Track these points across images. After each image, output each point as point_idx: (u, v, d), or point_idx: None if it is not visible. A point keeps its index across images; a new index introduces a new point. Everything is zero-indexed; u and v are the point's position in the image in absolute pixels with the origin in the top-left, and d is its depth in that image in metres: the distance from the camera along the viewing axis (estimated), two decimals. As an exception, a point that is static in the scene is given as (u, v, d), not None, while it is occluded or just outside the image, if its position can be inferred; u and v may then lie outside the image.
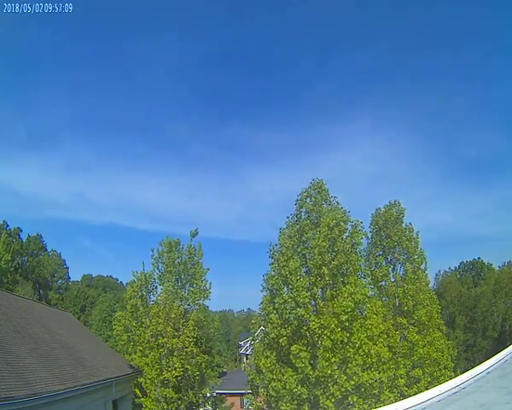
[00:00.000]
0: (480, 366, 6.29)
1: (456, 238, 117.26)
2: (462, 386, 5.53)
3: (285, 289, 15.83)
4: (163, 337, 19.69)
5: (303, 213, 17.40)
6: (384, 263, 20.35)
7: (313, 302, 15.78)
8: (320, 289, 15.93)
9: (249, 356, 36.91)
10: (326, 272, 15.37)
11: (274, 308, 15.65)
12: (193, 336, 20.03)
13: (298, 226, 17.02)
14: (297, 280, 15.20)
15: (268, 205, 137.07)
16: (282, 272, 15.64)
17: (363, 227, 17.12)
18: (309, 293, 15.31)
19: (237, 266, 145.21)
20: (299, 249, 16.34)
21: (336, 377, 14.65)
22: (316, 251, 15.56)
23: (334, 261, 15.53)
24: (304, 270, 16.26)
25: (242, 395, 29.94)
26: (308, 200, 17.47)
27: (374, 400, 15.45)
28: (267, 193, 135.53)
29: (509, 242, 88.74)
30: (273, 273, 16.25)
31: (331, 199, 17.62)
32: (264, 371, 15.95)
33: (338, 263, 15.57)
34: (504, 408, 4.60)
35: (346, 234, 16.39)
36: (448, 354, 19.54)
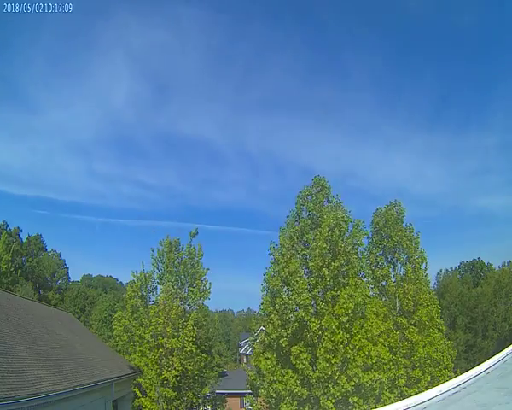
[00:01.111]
0: (480, 366, 6.29)
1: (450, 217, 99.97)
2: (462, 386, 5.53)
3: (285, 289, 15.79)
4: (163, 337, 19.68)
5: (304, 212, 17.27)
6: (384, 263, 20.34)
7: (314, 304, 15.73)
8: (321, 291, 15.87)
9: (249, 356, 36.86)
10: (327, 273, 15.29)
11: (274, 309, 15.61)
12: (192, 336, 20.01)
13: (298, 226, 16.92)
14: (297, 282, 15.15)
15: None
16: (282, 273, 15.59)
17: (364, 227, 17.08)
18: (309, 294, 15.26)
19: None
20: (299, 250, 16.28)
21: (337, 377, 14.63)
22: (316, 252, 15.49)
23: (334, 262, 15.45)
24: (304, 270, 16.21)
25: (242, 395, 29.92)
26: (309, 198, 17.27)
27: (374, 400, 15.42)
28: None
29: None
30: (273, 274, 16.20)
31: (333, 198, 17.50)
32: (264, 372, 15.90)
33: (339, 264, 15.48)
34: (504, 408, 4.59)
35: (347, 234, 16.33)
36: (448, 354, 19.51)
